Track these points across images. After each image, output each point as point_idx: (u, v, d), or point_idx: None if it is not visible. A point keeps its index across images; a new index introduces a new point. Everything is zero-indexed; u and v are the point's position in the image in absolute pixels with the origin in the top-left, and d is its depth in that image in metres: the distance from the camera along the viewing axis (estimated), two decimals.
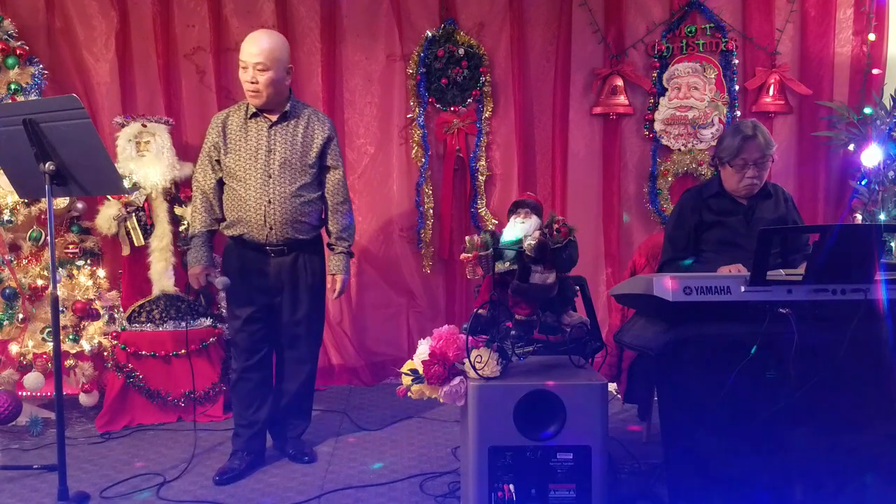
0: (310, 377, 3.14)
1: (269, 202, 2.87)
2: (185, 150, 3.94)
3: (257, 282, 2.96)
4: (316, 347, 3.15)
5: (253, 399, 3.02)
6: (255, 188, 2.87)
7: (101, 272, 3.76)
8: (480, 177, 4.22)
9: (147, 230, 3.65)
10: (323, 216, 3.06)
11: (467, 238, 2.35)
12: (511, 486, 2.22)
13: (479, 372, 2.22)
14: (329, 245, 3.10)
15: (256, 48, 2.84)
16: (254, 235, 2.90)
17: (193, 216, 3.01)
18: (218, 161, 2.95)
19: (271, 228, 2.89)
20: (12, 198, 3.44)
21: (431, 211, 4.22)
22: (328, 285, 3.09)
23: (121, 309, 3.67)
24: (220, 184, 2.98)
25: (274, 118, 2.92)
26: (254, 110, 2.93)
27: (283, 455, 3.12)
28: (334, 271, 3.06)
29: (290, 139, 2.92)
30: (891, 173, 3.85)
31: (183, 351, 3.51)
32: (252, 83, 2.84)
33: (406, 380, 2.33)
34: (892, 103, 3.87)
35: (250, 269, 2.96)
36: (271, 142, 2.90)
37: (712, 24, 4.16)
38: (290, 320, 3.01)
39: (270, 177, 2.88)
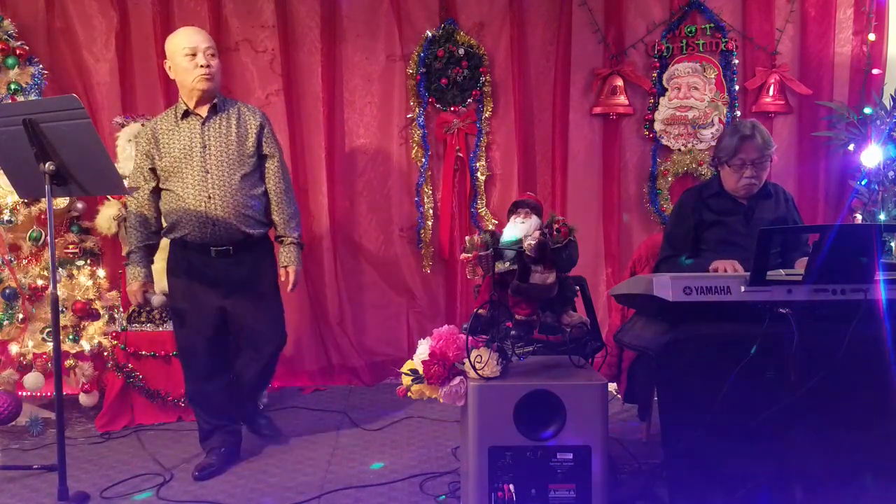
0: (267, 371, 3.16)
1: (210, 197, 2.82)
2: None
3: (203, 285, 2.91)
4: (275, 346, 3.08)
5: (216, 405, 3.01)
6: (192, 186, 2.83)
7: (101, 272, 3.76)
8: (480, 177, 4.22)
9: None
10: (268, 211, 3.01)
11: (467, 238, 2.35)
12: (511, 486, 2.22)
13: (479, 372, 2.22)
14: (277, 238, 3.05)
15: (202, 35, 2.90)
16: (196, 235, 2.85)
17: (129, 232, 2.96)
18: (152, 170, 2.90)
19: (214, 225, 2.83)
20: (12, 198, 3.44)
21: (431, 211, 4.22)
22: (281, 278, 3.04)
23: (121, 309, 3.67)
24: (155, 194, 2.92)
25: (204, 114, 2.89)
26: (184, 110, 2.89)
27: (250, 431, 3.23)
28: (286, 263, 3.01)
29: (223, 132, 2.88)
30: (891, 173, 3.85)
31: None
32: (206, 66, 2.83)
33: (406, 380, 2.33)
34: (892, 103, 3.87)
35: (195, 272, 2.91)
36: (205, 137, 2.86)
37: (712, 24, 4.16)
38: (243, 322, 2.98)
39: (208, 172, 2.83)
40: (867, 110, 3.94)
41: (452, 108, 4.16)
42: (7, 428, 3.45)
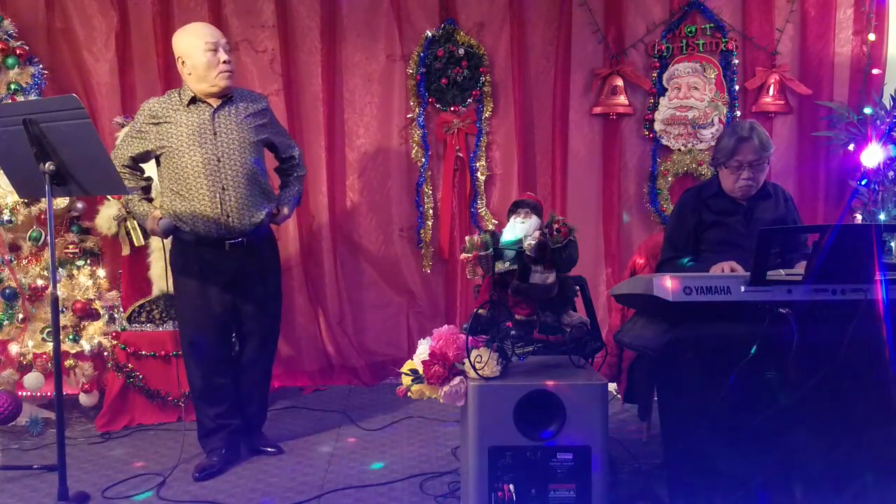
0: (267, 371, 3.18)
1: (224, 189, 2.80)
2: None
3: (215, 280, 2.89)
4: (276, 341, 3.19)
5: (223, 401, 3.00)
6: (205, 175, 2.78)
7: (101, 272, 3.76)
8: (480, 177, 4.22)
9: (147, 230, 3.64)
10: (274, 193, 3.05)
11: (467, 238, 2.35)
12: (511, 486, 2.22)
13: (479, 372, 2.22)
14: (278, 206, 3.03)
15: (217, 31, 2.86)
16: (210, 228, 2.82)
17: (122, 176, 2.81)
18: (146, 152, 2.84)
19: (228, 216, 2.81)
20: (12, 198, 3.44)
21: (431, 211, 4.22)
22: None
23: (121, 309, 3.68)
24: (139, 160, 2.89)
25: (215, 103, 2.84)
26: (191, 97, 2.82)
27: (248, 449, 3.14)
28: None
29: (233, 119, 2.84)
30: (891, 173, 3.85)
31: None
32: (228, 63, 2.80)
33: (406, 380, 2.33)
34: (892, 103, 3.87)
35: (207, 267, 2.88)
36: (216, 125, 2.82)
37: (712, 24, 4.16)
38: (252, 317, 3.01)
39: (220, 160, 2.80)
40: (867, 110, 3.94)
41: (452, 108, 4.16)
42: (7, 428, 3.45)
